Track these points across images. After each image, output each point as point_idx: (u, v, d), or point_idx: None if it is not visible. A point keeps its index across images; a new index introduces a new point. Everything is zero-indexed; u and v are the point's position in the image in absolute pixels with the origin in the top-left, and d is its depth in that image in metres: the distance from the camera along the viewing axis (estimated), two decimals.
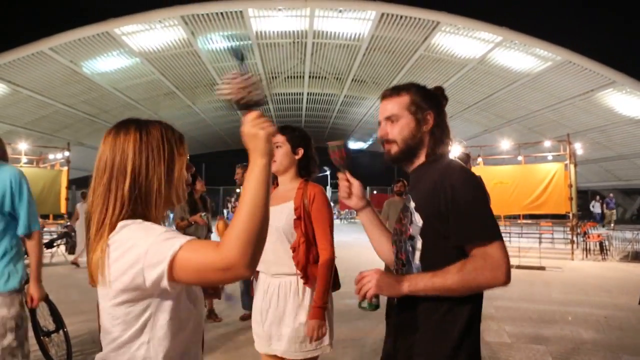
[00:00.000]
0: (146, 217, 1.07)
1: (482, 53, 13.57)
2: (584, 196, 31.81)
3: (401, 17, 12.18)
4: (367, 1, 12.11)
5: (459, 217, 1.30)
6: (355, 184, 1.68)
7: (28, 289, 2.58)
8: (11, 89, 13.56)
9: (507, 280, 1.27)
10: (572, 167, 11.12)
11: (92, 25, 11.95)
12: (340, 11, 12.24)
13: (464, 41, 13.14)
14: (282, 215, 2.20)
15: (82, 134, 18.78)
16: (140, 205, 1.06)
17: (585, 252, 10.90)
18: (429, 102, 1.49)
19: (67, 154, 11.84)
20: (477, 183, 1.36)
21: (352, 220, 28.24)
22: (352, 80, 17.33)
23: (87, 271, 1.07)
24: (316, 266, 2.17)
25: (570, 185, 10.69)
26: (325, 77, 17.42)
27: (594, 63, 13.02)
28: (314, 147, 2.36)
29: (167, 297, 1.02)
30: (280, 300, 2.15)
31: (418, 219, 1.39)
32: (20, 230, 2.44)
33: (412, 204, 1.44)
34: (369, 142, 30.35)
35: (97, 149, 1.10)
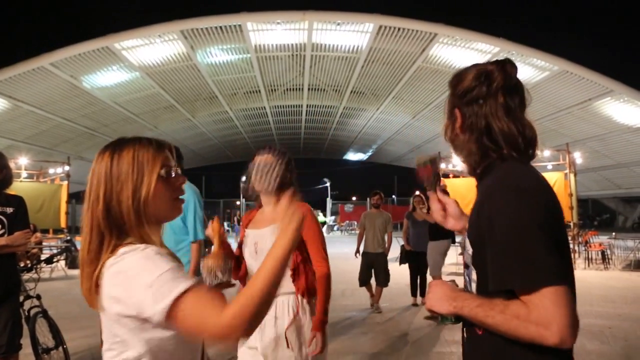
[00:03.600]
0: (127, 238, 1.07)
1: None
2: (584, 205, 31.81)
3: (399, 29, 12.28)
4: (365, 14, 12.22)
5: (493, 252, 1.05)
6: (451, 202, 1.46)
7: None
8: (12, 103, 13.61)
9: (561, 342, 0.95)
10: (571, 176, 11.13)
11: (92, 40, 12.04)
12: (338, 24, 12.34)
13: (461, 52, 13.23)
14: (273, 237, 2.20)
15: (82, 148, 18.81)
16: (116, 229, 1.06)
17: (587, 262, 10.86)
18: (464, 90, 1.23)
19: (67, 168, 11.85)
20: (528, 204, 1.03)
21: (353, 232, 28.18)
22: (351, 92, 17.42)
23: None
24: (315, 280, 2.20)
25: (571, 194, 10.70)
26: (324, 89, 17.51)
27: (591, 72, 13.09)
28: (292, 163, 2.34)
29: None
30: (277, 319, 2.14)
31: (469, 246, 1.19)
32: (190, 237, 3.27)
33: (466, 226, 1.23)
34: (369, 154, 30.40)
35: None
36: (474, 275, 1.17)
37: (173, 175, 1.13)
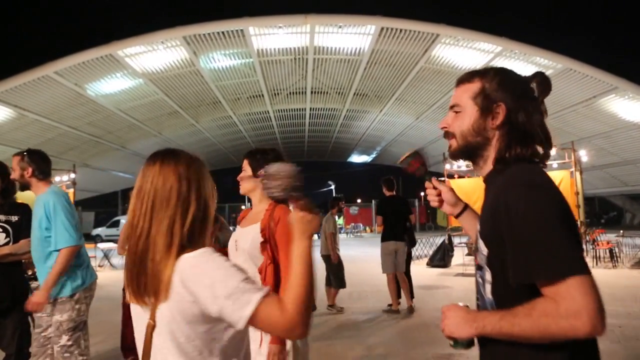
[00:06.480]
0: (199, 243, 1.14)
1: (483, 63, 13.60)
2: (590, 203, 31.62)
3: (401, 30, 12.27)
4: (367, 16, 12.22)
5: (515, 246, 1.02)
6: (444, 189, 1.48)
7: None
8: (17, 112, 13.72)
9: (593, 330, 0.96)
10: (577, 174, 11.07)
11: (96, 48, 12.11)
12: (340, 27, 12.36)
13: (464, 52, 13.21)
14: (248, 236, 2.18)
15: (87, 156, 18.90)
16: (193, 232, 1.13)
17: (595, 260, 10.77)
18: (506, 91, 1.17)
19: (73, 175, 11.90)
20: (545, 198, 1.04)
21: (358, 234, 28.15)
22: (354, 94, 17.41)
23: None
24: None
25: (577, 193, 10.63)
26: (327, 92, 17.52)
27: (594, 70, 13.03)
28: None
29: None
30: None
31: (482, 247, 1.15)
32: (51, 246, 2.78)
33: (478, 227, 1.20)
34: (373, 156, 30.37)
35: (103, 170, 1.16)
36: (487, 277, 1.14)
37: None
